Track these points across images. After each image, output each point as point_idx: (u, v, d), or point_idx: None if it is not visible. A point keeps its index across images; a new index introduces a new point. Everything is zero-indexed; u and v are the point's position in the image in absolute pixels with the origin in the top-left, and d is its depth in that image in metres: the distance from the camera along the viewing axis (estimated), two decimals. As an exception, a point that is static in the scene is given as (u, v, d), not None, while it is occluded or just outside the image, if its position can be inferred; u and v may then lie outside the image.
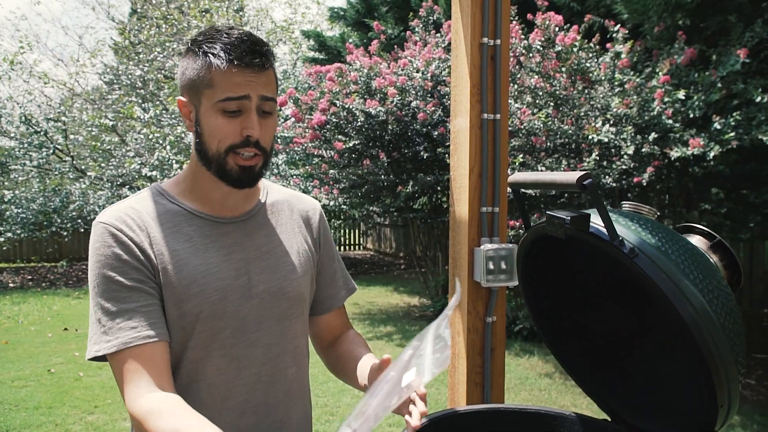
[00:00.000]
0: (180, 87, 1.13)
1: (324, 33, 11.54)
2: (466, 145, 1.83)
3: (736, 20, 4.64)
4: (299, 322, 1.23)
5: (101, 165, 10.37)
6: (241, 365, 1.13)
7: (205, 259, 1.11)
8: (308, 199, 1.33)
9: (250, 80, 1.06)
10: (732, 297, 1.02)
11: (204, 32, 1.11)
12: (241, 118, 1.08)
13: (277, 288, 1.17)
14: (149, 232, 1.09)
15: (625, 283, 1.19)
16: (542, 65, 5.07)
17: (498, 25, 1.83)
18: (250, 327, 1.14)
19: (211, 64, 1.06)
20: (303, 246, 1.25)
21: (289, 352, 1.20)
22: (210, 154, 1.09)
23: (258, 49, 1.07)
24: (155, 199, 1.14)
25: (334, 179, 6.74)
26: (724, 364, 0.95)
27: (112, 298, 1.04)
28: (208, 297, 1.09)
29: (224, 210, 1.17)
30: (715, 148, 4.07)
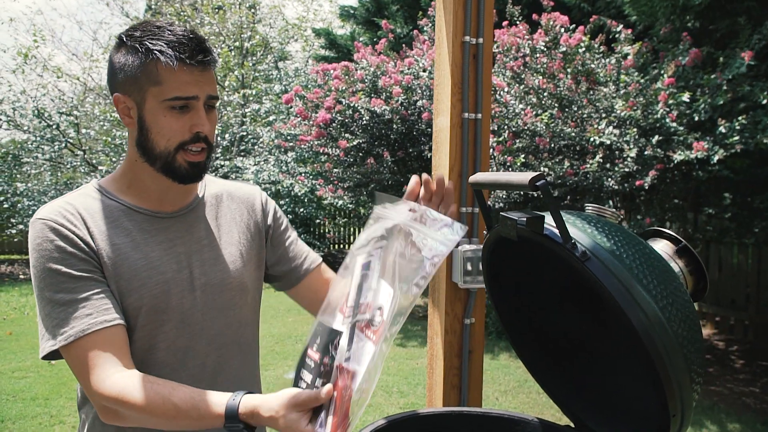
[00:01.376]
0: (116, 83, 1.11)
1: (334, 31, 11.54)
2: (447, 144, 1.81)
3: (745, 22, 4.57)
4: (245, 311, 1.25)
5: (113, 159, 10.45)
6: (186, 357, 1.14)
7: (145, 253, 1.11)
8: (248, 187, 1.34)
9: (198, 79, 1.08)
10: (690, 304, 1.00)
11: (140, 27, 1.09)
12: (189, 115, 1.09)
13: (218, 279, 1.18)
14: (88, 226, 1.09)
15: (582, 286, 1.17)
16: (547, 66, 5.02)
17: (480, 24, 1.81)
18: (194, 319, 1.15)
19: (158, 61, 1.05)
20: (245, 234, 1.26)
21: (234, 342, 1.22)
22: (157, 152, 1.10)
23: (203, 47, 1.08)
24: (93, 195, 1.14)
25: (338, 178, 6.74)
26: (676, 373, 0.92)
27: (62, 290, 1.04)
28: (150, 290, 1.10)
29: (164, 205, 1.17)
30: (719, 152, 4.00)
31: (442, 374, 1.87)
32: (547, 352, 1.29)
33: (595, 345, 1.24)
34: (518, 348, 1.33)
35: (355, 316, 0.96)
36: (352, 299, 0.98)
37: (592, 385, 1.24)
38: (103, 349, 1.02)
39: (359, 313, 0.96)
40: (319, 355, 0.98)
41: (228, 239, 1.23)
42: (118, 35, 1.14)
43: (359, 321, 0.96)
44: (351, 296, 0.99)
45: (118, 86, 1.11)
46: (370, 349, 0.92)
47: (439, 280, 1.88)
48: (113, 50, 1.13)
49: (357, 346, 0.94)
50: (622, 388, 1.18)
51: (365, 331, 0.95)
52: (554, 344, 1.29)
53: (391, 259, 0.96)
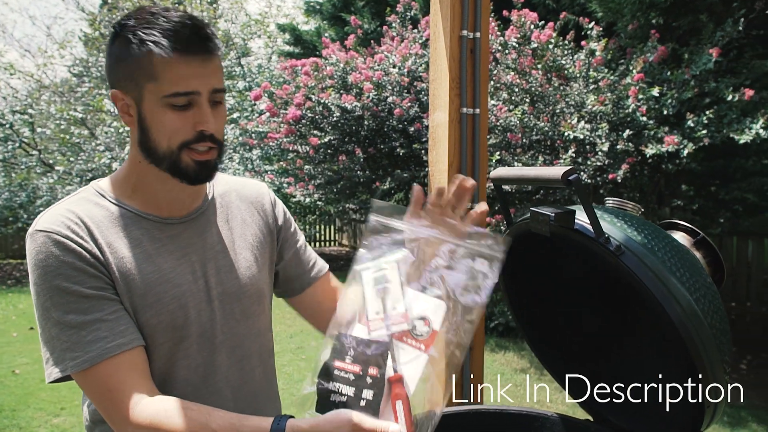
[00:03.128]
0: (113, 79, 1.01)
1: (299, 27, 11.42)
2: (445, 140, 1.80)
3: (707, 19, 4.70)
4: (262, 318, 1.18)
5: (70, 159, 10.11)
6: (207, 372, 1.07)
7: (158, 265, 1.03)
8: (254, 184, 1.26)
9: (198, 71, 0.96)
10: (718, 295, 1.00)
11: (134, 15, 0.99)
12: (192, 112, 0.98)
13: (235, 288, 1.11)
14: (95, 237, 0.98)
15: (608, 280, 1.17)
16: (518, 62, 5.07)
17: (478, 18, 1.80)
18: (213, 331, 1.07)
19: (151, 53, 0.94)
20: (258, 236, 1.19)
21: (254, 352, 1.15)
22: (161, 152, 1.00)
23: (203, 33, 0.97)
24: (95, 200, 1.04)
25: (309, 175, 6.67)
26: (711, 364, 0.93)
27: (72, 311, 0.94)
28: (166, 306, 1.01)
29: (172, 210, 1.08)
30: (688, 146, 4.11)
31: (443, 371, 1.85)
32: (566, 348, 1.29)
33: (614, 340, 1.24)
34: (533, 344, 1.33)
35: (389, 328, 0.95)
36: (374, 311, 0.96)
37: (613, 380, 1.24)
38: (126, 374, 0.94)
39: (393, 324, 0.95)
40: (359, 367, 0.93)
41: (242, 243, 1.15)
42: (113, 24, 1.03)
43: (396, 332, 0.94)
44: (370, 308, 0.97)
45: (116, 82, 1.00)
46: (422, 358, 0.91)
47: (439, 277, 1.86)
48: (109, 42, 1.02)
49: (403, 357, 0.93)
50: (644, 381, 1.19)
51: (408, 341, 0.94)
52: (572, 340, 1.29)
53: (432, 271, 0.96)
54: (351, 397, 0.93)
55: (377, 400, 0.91)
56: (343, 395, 0.93)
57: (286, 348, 5.50)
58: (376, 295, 0.97)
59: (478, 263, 0.94)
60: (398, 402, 0.90)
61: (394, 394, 0.91)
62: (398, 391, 0.91)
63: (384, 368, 0.92)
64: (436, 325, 0.93)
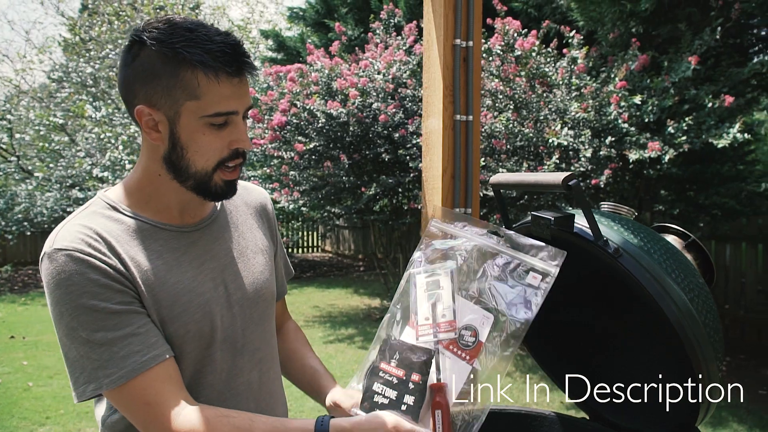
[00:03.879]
0: (137, 93, 0.99)
1: (283, 33, 11.43)
2: (439, 146, 1.83)
3: (685, 28, 4.82)
4: (273, 320, 1.22)
5: (49, 165, 9.99)
6: (230, 376, 1.09)
7: (180, 275, 1.03)
8: (257, 189, 1.29)
9: (237, 91, 0.98)
10: (710, 295, 1.05)
11: (165, 28, 0.96)
12: (228, 130, 1.00)
13: (253, 291, 1.13)
14: (118, 252, 0.98)
15: (604, 282, 1.21)
16: (502, 69, 5.14)
17: (470, 28, 1.84)
18: (235, 336, 1.10)
19: (197, 73, 0.94)
20: (264, 241, 1.22)
21: (269, 354, 1.19)
22: (192, 171, 1.01)
23: (244, 53, 0.98)
24: (108, 214, 1.03)
25: (294, 181, 6.67)
26: (705, 362, 0.97)
27: (101, 328, 0.93)
28: (192, 315, 1.03)
29: (185, 218, 1.09)
30: (669, 152, 4.20)
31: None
32: (563, 349, 1.33)
33: (610, 340, 1.28)
34: (530, 344, 1.36)
35: (437, 335, 0.97)
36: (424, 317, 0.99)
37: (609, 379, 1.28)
38: (162, 386, 0.95)
39: (440, 332, 0.97)
40: (403, 371, 0.96)
41: (253, 247, 1.18)
42: (134, 35, 0.98)
43: (443, 340, 0.97)
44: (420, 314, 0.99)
45: (142, 97, 0.98)
46: (465, 369, 0.94)
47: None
48: (127, 52, 0.99)
49: (448, 365, 0.96)
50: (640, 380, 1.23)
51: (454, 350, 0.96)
52: (569, 341, 1.33)
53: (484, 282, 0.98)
54: (393, 400, 0.96)
55: (418, 406, 0.94)
56: (386, 397, 0.96)
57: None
58: (426, 301, 1.00)
59: (530, 277, 0.96)
60: (438, 411, 0.93)
61: (435, 403, 0.94)
62: (439, 399, 0.94)
63: (426, 375, 0.95)
64: (483, 337, 0.95)
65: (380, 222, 7.27)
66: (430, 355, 0.96)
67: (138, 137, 8.52)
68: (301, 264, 12.87)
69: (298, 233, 13.91)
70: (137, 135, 8.55)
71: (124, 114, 9.23)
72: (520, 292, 0.95)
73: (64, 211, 9.48)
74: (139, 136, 8.52)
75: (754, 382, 4.83)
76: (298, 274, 11.40)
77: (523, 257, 0.98)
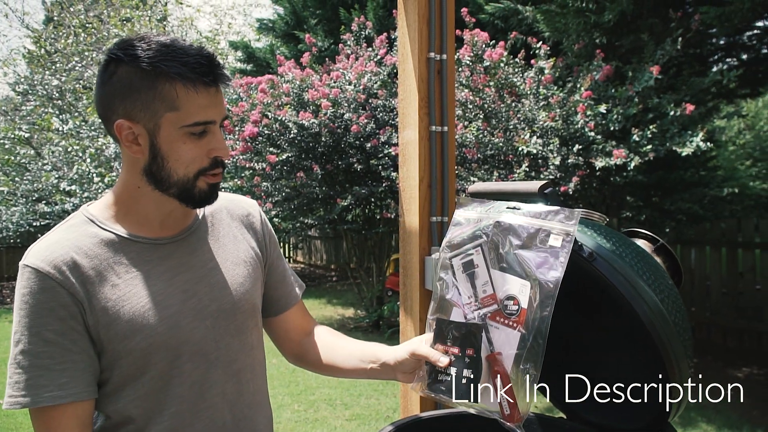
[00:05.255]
0: (117, 108, 1.01)
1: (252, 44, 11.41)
2: (416, 156, 1.87)
3: (648, 39, 4.98)
4: (255, 332, 1.21)
5: (15, 179, 9.77)
6: (203, 388, 1.09)
7: (147, 289, 1.04)
8: (244, 200, 1.29)
9: (214, 101, 1.02)
10: (679, 296, 1.10)
11: (140, 45, 1.00)
12: (207, 139, 1.03)
13: (230, 304, 1.13)
14: (81, 270, 1.00)
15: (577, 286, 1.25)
16: (472, 80, 5.23)
17: (444, 41, 1.88)
18: (208, 348, 1.09)
19: (176, 85, 0.98)
20: (249, 252, 1.22)
21: (248, 366, 1.18)
22: (174, 180, 1.04)
23: (218, 64, 1.02)
24: (85, 228, 1.05)
25: (266, 192, 6.66)
26: (677, 360, 1.02)
27: (28, 352, 0.97)
28: (155, 329, 1.03)
29: (164, 230, 1.10)
30: (635, 159, 4.32)
31: (418, 380, 1.91)
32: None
33: (584, 341, 1.33)
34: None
35: (481, 309, 1.05)
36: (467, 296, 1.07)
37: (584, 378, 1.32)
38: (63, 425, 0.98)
39: (484, 306, 1.05)
40: (458, 348, 1.04)
41: (234, 259, 1.18)
42: (110, 53, 1.02)
43: (488, 313, 1.04)
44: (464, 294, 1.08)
45: (122, 112, 1.01)
46: (515, 335, 1.01)
47: (412, 288, 1.92)
48: (104, 71, 1.02)
49: (497, 335, 1.03)
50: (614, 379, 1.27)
51: (501, 320, 1.03)
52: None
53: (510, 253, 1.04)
54: (454, 376, 1.04)
55: (477, 377, 1.02)
56: (448, 374, 1.05)
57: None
58: (466, 280, 1.08)
59: (552, 239, 1.01)
60: (497, 377, 1.01)
61: (494, 372, 1.02)
62: (497, 368, 1.02)
63: (480, 348, 1.02)
64: (524, 304, 1.01)
65: (353, 232, 7.29)
66: (479, 330, 1.03)
67: (106, 150, 8.39)
68: (273, 275, 12.79)
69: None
70: (105, 147, 8.42)
71: (91, 127, 9.08)
72: (544, 255, 1.01)
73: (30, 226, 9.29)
74: (107, 148, 8.39)
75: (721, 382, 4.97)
76: (271, 285, 11.30)
77: (542, 223, 1.03)
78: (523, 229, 1.04)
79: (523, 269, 1.02)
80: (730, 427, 4.02)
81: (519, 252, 1.03)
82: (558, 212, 1.03)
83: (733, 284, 5.88)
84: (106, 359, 1.02)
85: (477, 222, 1.09)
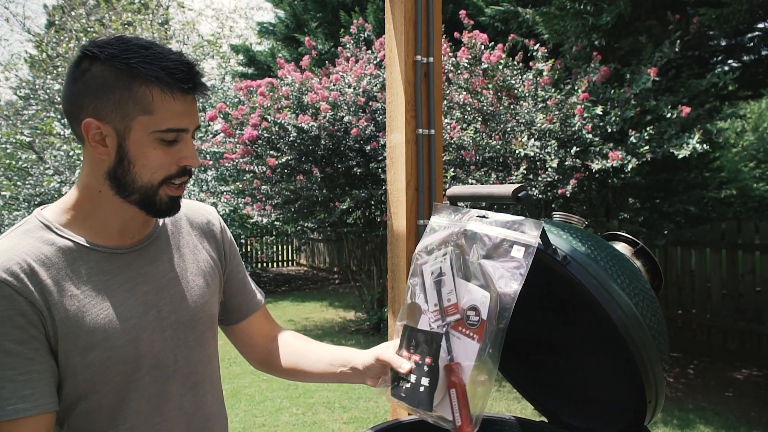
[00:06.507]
0: (87, 106, 0.98)
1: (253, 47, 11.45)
2: (402, 159, 1.87)
3: (646, 41, 4.97)
4: (213, 343, 1.20)
5: (17, 184, 9.81)
6: (160, 402, 1.07)
7: (106, 300, 1.01)
8: (203, 207, 1.26)
9: (189, 109, 1.01)
10: (655, 299, 1.10)
11: (118, 45, 0.98)
12: (178, 147, 1.01)
13: (189, 316, 1.11)
14: (40, 280, 0.96)
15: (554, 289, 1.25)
16: (470, 82, 5.23)
17: (430, 44, 1.89)
18: (167, 361, 1.07)
19: (152, 88, 0.96)
20: (209, 262, 1.20)
21: (207, 378, 1.16)
22: (138, 185, 1.01)
23: (198, 72, 1.00)
24: (39, 234, 1.00)
25: (266, 195, 6.67)
26: (651, 363, 1.02)
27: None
28: (115, 342, 1.01)
29: (123, 238, 1.07)
30: (632, 161, 4.31)
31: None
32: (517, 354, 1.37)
33: (563, 345, 1.33)
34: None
35: (444, 318, 1.05)
36: (433, 303, 1.07)
37: (563, 382, 1.32)
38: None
39: (447, 315, 1.05)
40: (419, 356, 1.05)
41: (194, 269, 1.15)
42: (85, 50, 0.98)
43: (450, 322, 1.04)
44: (430, 301, 1.08)
45: (92, 110, 0.97)
46: (474, 346, 1.01)
47: (400, 291, 1.93)
48: (76, 67, 0.99)
49: (457, 345, 1.03)
50: (592, 382, 1.27)
51: (463, 330, 1.03)
52: (525, 347, 1.36)
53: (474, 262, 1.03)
54: (413, 383, 1.05)
55: (434, 386, 1.03)
56: (408, 381, 1.05)
57: (246, 369, 5.47)
58: (433, 288, 1.08)
59: (514, 251, 1.01)
60: (452, 390, 1.01)
61: (450, 382, 1.01)
62: (454, 379, 1.01)
63: (437, 357, 1.03)
64: (484, 315, 1.01)
65: (353, 234, 7.29)
66: (440, 338, 1.04)
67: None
68: (275, 278, 12.81)
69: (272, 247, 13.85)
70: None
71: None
72: (506, 266, 1.00)
73: (31, 230, 9.28)
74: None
75: (720, 384, 4.95)
76: (273, 288, 11.35)
77: (506, 233, 1.02)
78: (489, 239, 1.03)
79: (485, 280, 1.02)
80: (728, 428, 4.00)
81: (483, 262, 1.02)
82: (522, 222, 1.02)
83: (734, 286, 5.86)
84: (62, 371, 0.99)
85: (448, 229, 1.10)
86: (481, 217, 1.08)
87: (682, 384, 5.01)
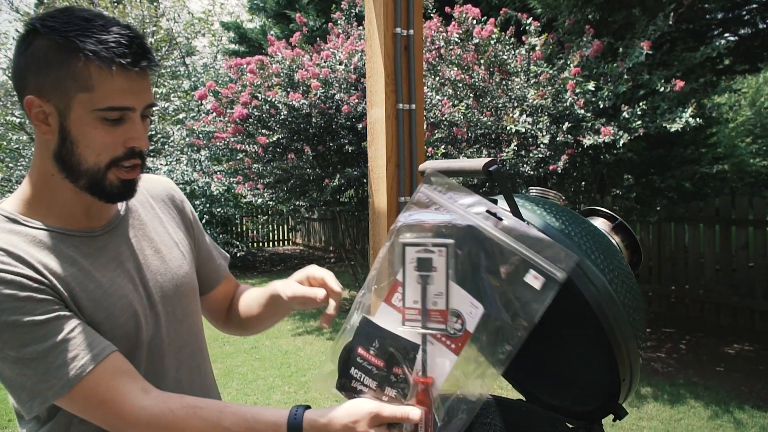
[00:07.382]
0: (28, 82, 0.93)
1: (244, 25, 11.29)
2: (383, 135, 1.84)
3: (640, 14, 4.90)
4: (197, 315, 1.19)
5: (9, 165, 9.74)
6: (158, 377, 1.06)
7: (98, 280, 0.99)
8: (160, 180, 1.23)
9: (135, 86, 0.94)
10: (632, 275, 1.07)
11: (60, 16, 0.92)
12: (124, 127, 0.95)
13: (173, 288, 1.10)
14: (30, 262, 0.92)
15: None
16: (461, 58, 5.16)
17: (411, 16, 1.84)
18: (160, 336, 1.07)
19: (90, 63, 0.90)
20: (179, 233, 1.18)
21: (197, 350, 1.17)
22: (84, 168, 0.96)
23: (143, 47, 0.94)
24: (8, 227, 0.96)
25: (258, 174, 6.62)
26: (624, 340, 1.00)
27: (30, 342, 0.89)
28: (117, 319, 0.99)
29: (91, 221, 1.04)
30: (624, 136, 4.27)
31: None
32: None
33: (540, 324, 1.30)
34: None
35: (425, 325, 0.89)
36: (412, 299, 0.89)
37: (540, 361, 1.30)
38: (114, 381, 0.91)
39: (430, 321, 0.88)
40: (384, 362, 0.89)
41: (167, 241, 1.14)
42: (30, 23, 0.93)
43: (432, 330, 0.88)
44: (408, 295, 0.90)
45: (32, 87, 0.93)
46: (451, 358, 0.87)
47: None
48: (22, 41, 0.94)
49: (433, 357, 0.88)
50: (570, 361, 1.25)
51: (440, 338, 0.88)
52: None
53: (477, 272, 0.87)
54: (373, 390, 0.89)
55: (399, 400, 0.88)
56: (365, 386, 0.90)
57: (239, 348, 5.47)
58: (417, 281, 0.89)
59: (530, 276, 0.85)
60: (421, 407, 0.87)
61: (419, 399, 0.87)
62: (422, 398, 0.87)
63: (411, 370, 0.87)
64: (470, 327, 0.87)
65: (347, 213, 7.26)
66: (416, 351, 0.88)
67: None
68: (271, 258, 12.81)
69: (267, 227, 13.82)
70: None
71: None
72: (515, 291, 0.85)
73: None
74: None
75: (712, 359, 4.97)
76: (269, 267, 11.35)
77: (525, 251, 0.86)
78: (502, 250, 0.86)
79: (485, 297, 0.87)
80: (718, 403, 4.02)
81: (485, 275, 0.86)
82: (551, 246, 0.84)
83: (727, 261, 5.85)
84: None
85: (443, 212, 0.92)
86: (492, 214, 0.90)
87: (674, 359, 5.03)
